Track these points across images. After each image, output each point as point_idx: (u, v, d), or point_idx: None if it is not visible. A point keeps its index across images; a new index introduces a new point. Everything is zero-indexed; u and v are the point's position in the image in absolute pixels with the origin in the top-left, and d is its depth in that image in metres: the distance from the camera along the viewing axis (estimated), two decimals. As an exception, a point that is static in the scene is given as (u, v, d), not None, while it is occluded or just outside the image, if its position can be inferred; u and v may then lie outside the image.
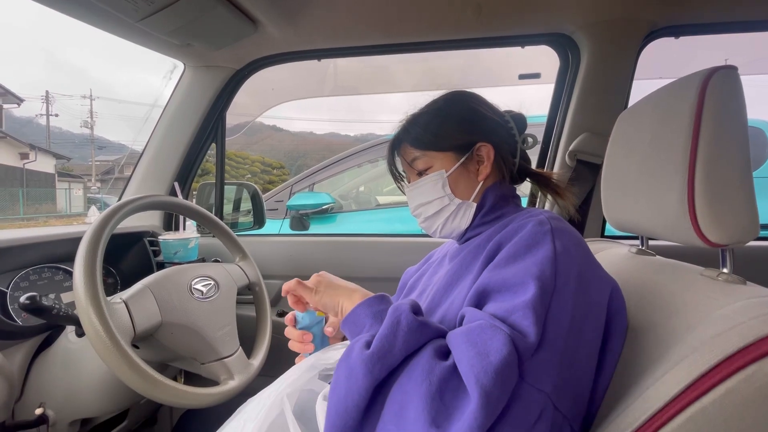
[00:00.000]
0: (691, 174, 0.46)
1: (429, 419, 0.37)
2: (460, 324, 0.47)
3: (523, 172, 0.68)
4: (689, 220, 0.46)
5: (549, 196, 0.69)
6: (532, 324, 0.40)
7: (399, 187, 0.71)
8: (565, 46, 1.14)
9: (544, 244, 0.47)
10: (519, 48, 1.17)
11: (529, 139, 0.68)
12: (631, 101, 1.10)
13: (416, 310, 0.47)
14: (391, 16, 1.05)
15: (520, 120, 0.68)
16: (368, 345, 0.44)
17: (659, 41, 1.10)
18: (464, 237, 0.65)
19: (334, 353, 0.58)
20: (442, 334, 0.46)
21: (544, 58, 1.18)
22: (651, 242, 0.71)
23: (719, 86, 0.46)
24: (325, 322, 0.64)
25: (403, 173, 0.69)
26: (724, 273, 0.49)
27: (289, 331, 0.64)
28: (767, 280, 0.50)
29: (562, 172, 1.13)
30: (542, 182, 0.69)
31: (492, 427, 0.36)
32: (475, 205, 0.63)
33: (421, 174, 0.64)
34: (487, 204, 0.62)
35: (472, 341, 0.40)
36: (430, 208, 0.63)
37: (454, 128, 0.63)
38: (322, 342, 0.64)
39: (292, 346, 0.64)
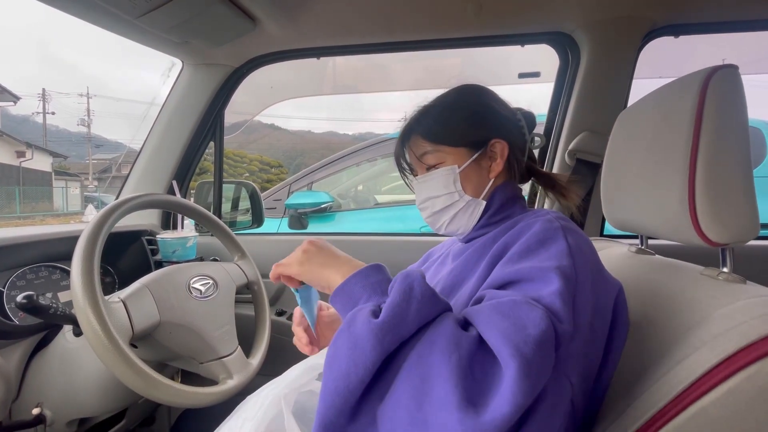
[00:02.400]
0: (692, 173, 0.46)
1: (463, 396, 0.32)
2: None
3: (530, 172, 0.67)
4: (690, 219, 0.46)
5: (549, 196, 0.69)
6: (562, 310, 0.38)
7: (404, 180, 0.69)
8: (565, 44, 1.14)
9: (557, 239, 0.46)
10: (519, 47, 1.17)
11: (537, 138, 0.67)
12: (631, 100, 1.10)
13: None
14: (391, 14, 1.05)
15: (530, 118, 0.67)
16: (374, 314, 0.39)
17: (659, 40, 1.10)
18: (468, 236, 0.64)
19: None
20: (451, 309, 0.43)
21: (544, 57, 1.18)
22: (650, 241, 0.71)
23: (720, 85, 0.45)
24: None
25: (409, 165, 0.67)
26: (724, 272, 0.49)
27: (295, 329, 0.63)
28: (767, 279, 0.50)
29: (563, 172, 1.13)
30: (548, 183, 0.68)
31: (524, 415, 0.33)
32: (484, 203, 0.61)
33: (430, 168, 0.62)
34: (495, 204, 0.61)
35: (504, 314, 0.37)
36: (438, 203, 0.62)
37: (469, 123, 0.61)
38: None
39: (296, 343, 0.64)
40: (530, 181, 0.69)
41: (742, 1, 0.98)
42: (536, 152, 1.23)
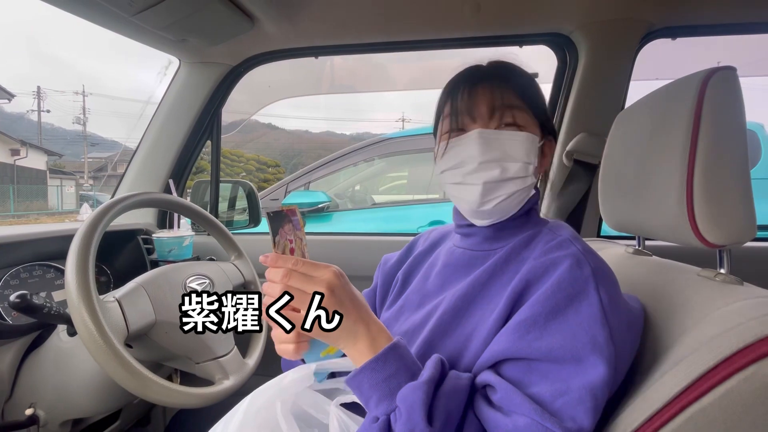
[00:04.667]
0: (690, 175, 0.46)
1: None
2: (482, 386, 0.44)
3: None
4: (688, 220, 0.46)
5: (546, 195, 0.67)
6: (588, 410, 0.38)
7: (454, 123, 0.54)
8: (563, 46, 1.14)
9: (587, 296, 0.42)
10: (517, 47, 1.17)
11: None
12: (628, 102, 1.10)
13: (431, 403, 0.40)
14: (389, 13, 1.04)
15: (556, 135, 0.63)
16: None
17: (656, 42, 1.10)
18: (483, 232, 0.57)
19: (334, 361, 0.56)
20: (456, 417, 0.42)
21: (543, 58, 1.18)
22: (647, 242, 0.71)
23: (718, 87, 0.46)
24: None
25: (467, 111, 0.53)
26: (721, 273, 0.49)
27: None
28: (763, 281, 0.50)
29: (560, 173, 1.14)
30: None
31: None
32: (533, 192, 0.56)
33: (503, 127, 0.53)
34: (524, 209, 0.56)
35: None
36: (512, 168, 0.51)
37: (546, 108, 0.57)
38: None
39: (281, 346, 0.49)
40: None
41: (738, 3, 0.99)
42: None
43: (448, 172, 0.55)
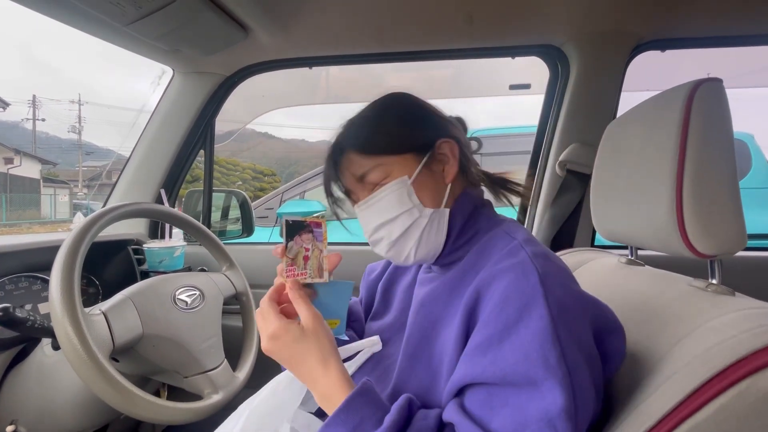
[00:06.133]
0: (679, 185, 0.46)
1: None
2: (448, 424, 0.43)
3: (479, 176, 0.60)
4: (678, 230, 0.46)
5: (505, 198, 0.61)
6: None
7: (335, 213, 0.60)
8: (554, 57, 1.15)
9: (536, 307, 0.40)
10: (510, 58, 1.19)
11: (475, 143, 0.62)
12: (619, 113, 1.11)
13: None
14: (383, 24, 1.05)
15: (463, 122, 0.61)
16: None
17: (646, 54, 1.12)
18: (437, 263, 0.56)
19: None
20: None
21: (535, 69, 1.20)
22: (640, 252, 0.71)
23: (705, 98, 0.46)
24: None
25: (347, 192, 0.57)
26: (712, 284, 0.49)
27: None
28: (754, 291, 0.50)
29: (554, 182, 1.14)
30: (501, 184, 0.61)
31: None
32: (447, 211, 0.53)
33: (374, 188, 0.53)
34: (458, 224, 0.54)
35: None
36: (397, 226, 0.52)
37: (408, 125, 0.54)
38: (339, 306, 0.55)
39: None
40: (489, 188, 0.61)
41: (725, 17, 1.01)
42: (527, 162, 1.24)
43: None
